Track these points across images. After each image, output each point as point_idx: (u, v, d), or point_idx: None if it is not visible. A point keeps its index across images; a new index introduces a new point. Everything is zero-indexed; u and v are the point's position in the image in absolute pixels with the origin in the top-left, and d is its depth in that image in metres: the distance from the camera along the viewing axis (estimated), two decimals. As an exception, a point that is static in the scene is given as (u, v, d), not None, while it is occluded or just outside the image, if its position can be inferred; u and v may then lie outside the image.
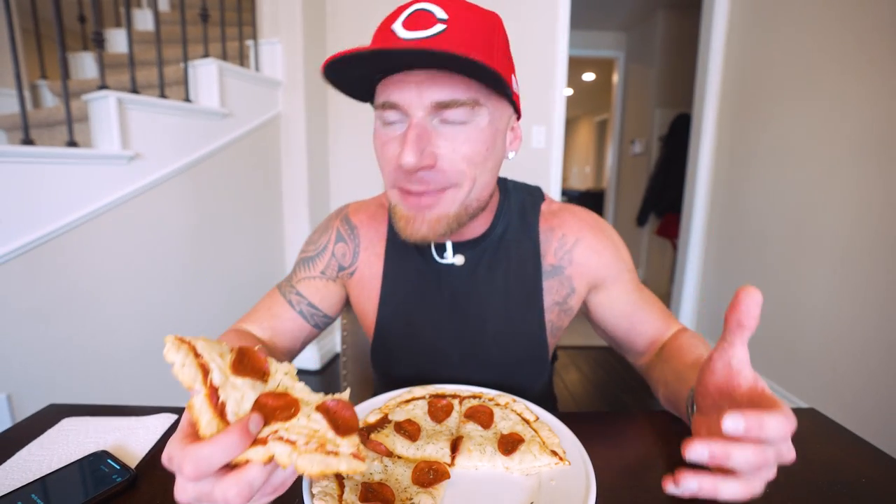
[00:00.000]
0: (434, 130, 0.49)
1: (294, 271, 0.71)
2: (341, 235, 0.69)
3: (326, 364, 2.36)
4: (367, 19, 2.26)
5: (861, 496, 0.44)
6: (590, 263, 0.64)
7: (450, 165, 0.50)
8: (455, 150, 0.50)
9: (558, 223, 0.65)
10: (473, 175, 0.52)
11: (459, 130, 0.49)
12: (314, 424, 0.32)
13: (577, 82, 6.58)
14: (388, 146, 0.51)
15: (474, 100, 0.48)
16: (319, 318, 0.70)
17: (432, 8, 0.47)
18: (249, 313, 0.68)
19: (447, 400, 0.56)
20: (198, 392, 0.30)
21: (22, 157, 1.16)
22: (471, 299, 0.64)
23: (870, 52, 1.53)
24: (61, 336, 1.29)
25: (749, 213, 2.12)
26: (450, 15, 0.47)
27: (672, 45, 3.66)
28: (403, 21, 0.47)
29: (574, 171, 9.57)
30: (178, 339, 0.32)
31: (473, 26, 0.47)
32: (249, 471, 0.29)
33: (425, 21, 0.46)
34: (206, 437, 0.29)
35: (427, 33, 0.46)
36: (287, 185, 2.17)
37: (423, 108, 0.48)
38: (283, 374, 0.36)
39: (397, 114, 0.50)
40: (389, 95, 0.49)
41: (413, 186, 0.51)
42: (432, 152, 0.49)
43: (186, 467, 0.28)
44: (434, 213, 0.52)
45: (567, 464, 0.45)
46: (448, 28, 0.46)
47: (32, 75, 2.23)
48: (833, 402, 1.64)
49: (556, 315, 0.66)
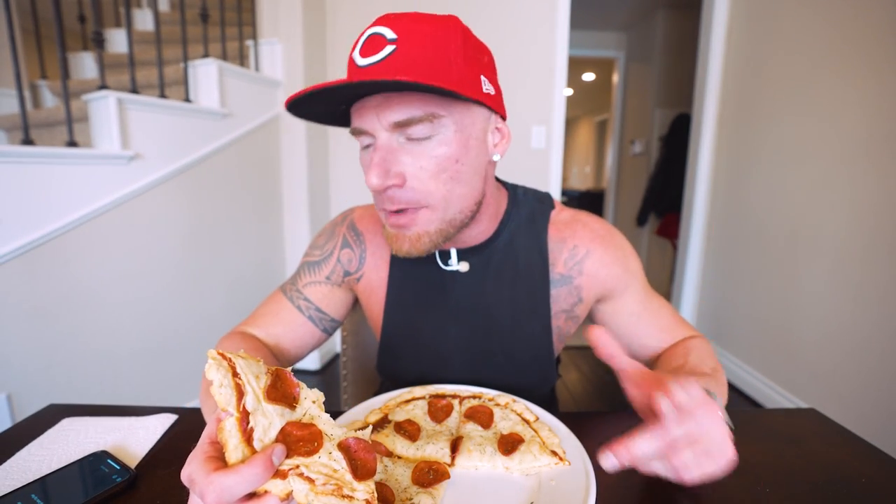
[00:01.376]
0: (401, 148, 0.50)
1: (298, 275, 0.70)
2: (347, 242, 0.69)
3: (326, 364, 2.36)
4: (366, 19, 2.25)
5: (861, 496, 0.44)
6: (599, 275, 0.64)
7: (418, 184, 0.51)
8: (422, 168, 0.50)
9: (570, 234, 0.65)
10: (445, 191, 0.52)
11: (424, 146, 0.50)
12: (334, 464, 0.32)
13: (577, 82, 6.58)
14: (365, 169, 0.52)
15: (431, 114, 0.49)
16: (328, 323, 0.70)
17: (382, 31, 0.48)
18: (253, 317, 0.68)
19: (447, 400, 0.56)
20: (230, 415, 0.31)
21: (22, 157, 1.16)
22: (477, 305, 0.64)
23: (869, 51, 1.53)
24: (61, 336, 1.29)
25: (749, 213, 2.12)
26: (399, 34, 0.47)
27: (672, 45, 3.66)
28: (360, 48, 0.48)
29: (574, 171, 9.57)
30: (220, 354, 0.32)
31: (423, 40, 0.47)
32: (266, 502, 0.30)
33: (377, 45, 0.47)
34: (231, 462, 0.29)
35: (378, 57, 0.47)
36: (287, 186, 2.17)
37: (384, 129, 0.49)
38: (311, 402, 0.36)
39: (368, 138, 0.51)
40: (355, 122, 0.51)
41: (386, 205, 0.52)
42: (399, 172, 0.50)
43: (209, 496, 0.28)
44: (413, 231, 0.53)
45: (567, 464, 0.45)
46: (398, 48, 0.47)
47: (32, 75, 2.23)
48: (833, 402, 1.64)
49: (564, 321, 0.66)
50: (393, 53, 0.46)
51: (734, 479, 0.46)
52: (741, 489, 0.45)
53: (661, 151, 3.58)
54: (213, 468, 0.29)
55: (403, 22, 0.48)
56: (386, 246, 0.68)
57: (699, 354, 0.60)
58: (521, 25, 2.26)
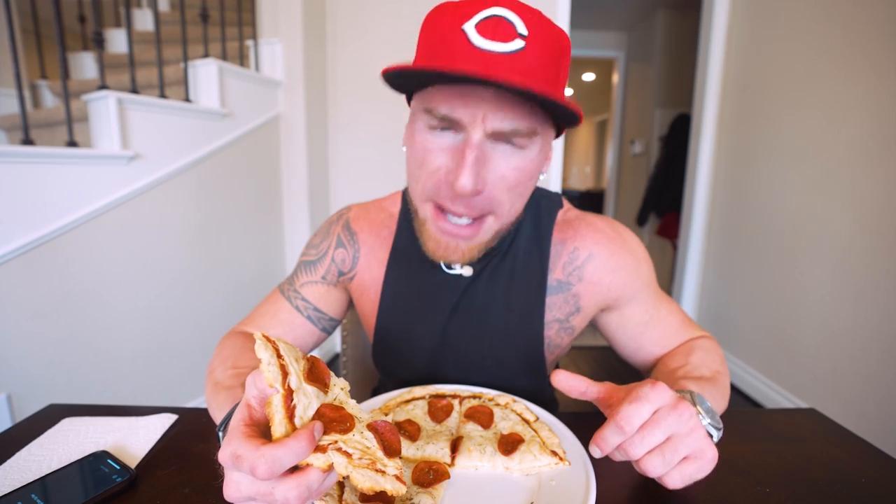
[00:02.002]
0: (491, 153, 0.46)
1: (295, 274, 0.70)
2: (341, 241, 0.68)
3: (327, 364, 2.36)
4: (366, 19, 2.26)
5: (861, 496, 0.44)
6: (602, 283, 0.60)
7: (495, 193, 0.48)
8: (503, 178, 0.47)
9: (572, 234, 0.61)
10: (511, 201, 0.50)
11: (511, 157, 0.47)
12: (367, 441, 0.35)
13: (577, 82, 6.58)
14: (433, 155, 0.48)
15: (533, 130, 0.46)
16: (327, 322, 0.70)
17: (513, 18, 0.42)
18: (252, 317, 0.68)
19: (447, 400, 0.56)
20: (277, 392, 0.33)
21: (22, 157, 1.16)
22: (471, 309, 0.63)
23: (870, 52, 1.53)
24: (61, 336, 1.29)
25: (749, 213, 2.12)
26: (530, 31, 0.42)
27: (672, 45, 3.66)
28: (477, 24, 0.42)
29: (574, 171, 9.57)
30: (266, 337, 0.34)
31: (550, 49, 0.44)
32: (310, 475, 0.31)
33: (504, 32, 0.42)
34: (275, 436, 0.31)
35: (506, 48, 0.42)
36: (287, 185, 2.17)
37: (482, 131, 0.45)
38: (340, 389, 0.39)
39: (451, 124, 0.46)
40: (451, 109, 0.45)
41: (455, 207, 0.49)
42: (484, 177, 0.47)
43: (260, 466, 0.29)
44: (468, 243, 0.51)
45: (567, 464, 0.45)
46: (527, 46, 0.42)
47: (32, 75, 2.23)
48: (833, 402, 1.64)
49: (556, 332, 0.63)
50: (523, 50, 0.42)
51: (734, 479, 0.46)
52: (741, 489, 0.45)
53: (661, 151, 3.58)
54: (259, 443, 0.30)
55: (535, 19, 0.43)
56: (381, 246, 0.66)
57: (701, 356, 0.57)
58: (521, 25, 2.26)
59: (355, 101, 2.32)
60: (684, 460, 0.38)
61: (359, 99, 2.32)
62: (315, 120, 2.20)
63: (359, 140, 2.36)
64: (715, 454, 0.39)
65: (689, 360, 0.56)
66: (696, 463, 0.38)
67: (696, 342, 0.61)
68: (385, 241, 0.67)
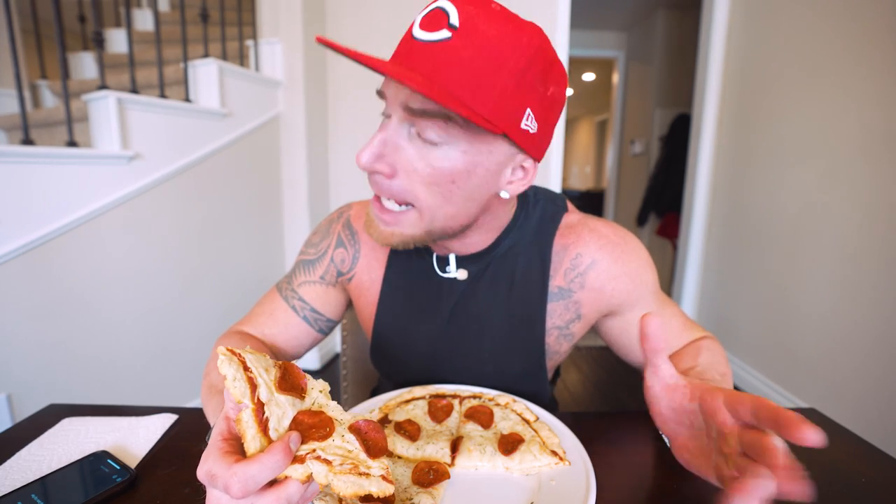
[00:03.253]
0: (407, 142, 0.47)
1: (294, 273, 0.69)
2: (342, 241, 0.67)
3: (326, 364, 2.36)
4: (366, 19, 2.26)
5: (861, 496, 0.44)
6: (604, 290, 0.59)
7: (407, 183, 0.47)
8: (416, 170, 0.47)
9: (574, 240, 0.60)
10: (432, 203, 0.48)
11: (428, 150, 0.46)
12: (348, 445, 0.34)
13: (577, 82, 6.58)
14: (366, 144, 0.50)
15: (446, 115, 0.43)
16: (323, 323, 0.69)
17: (450, 9, 0.42)
18: (249, 316, 0.68)
19: (447, 400, 0.56)
20: (246, 407, 0.32)
21: (22, 157, 1.16)
22: (470, 314, 0.62)
23: (870, 51, 1.53)
24: (61, 336, 1.29)
25: (749, 213, 2.12)
26: (462, 23, 0.41)
27: (672, 44, 3.66)
28: (423, 18, 0.44)
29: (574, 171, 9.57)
30: (231, 351, 0.33)
31: (482, 44, 0.41)
32: (288, 487, 0.30)
33: (436, 22, 0.42)
34: (249, 452, 0.30)
35: (430, 37, 0.42)
36: (287, 185, 2.17)
37: (398, 107, 0.45)
38: (318, 391, 0.38)
39: (386, 108, 0.48)
40: (382, 85, 0.48)
41: (372, 187, 0.50)
42: (393, 162, 0.47)
43: (234, 486, 0.28)
44: (391, 228, 0.51)
45: (567, 464, 0.45)
46: (453, 38, 0.41)
47: (32, 75, 2.23)
48: (833, 402, 1.64)
49: (555, 339, 0.62)
50: (445, 42, 0.41)
51: (734, 479, 0.46)
52: (741, 489, 0.45)
53: (661, 151, 3.58)
54: (233, 461, 0.30)
55: (475, 10, 0.42)
56: (381, 248, 0.66)
57: (709, 358, 0.57)
58: (521, 25, 2.26)
59: (355, 101, 2.32)
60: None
61: (359, 99, 2.32)
62: (315, 120, 2.20)
63: (359, 140, 2.36)
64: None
65: (698, 362, 0.55)
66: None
67: (702, 343, 0.61)
68: None
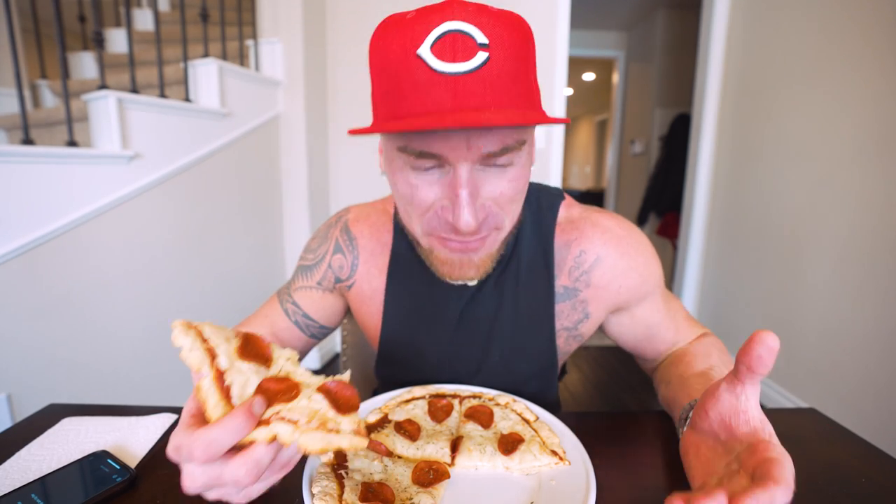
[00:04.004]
0: (481, 176, 0.44)
1: (293, 278, 0.69)
2: (339, 246, 0.65)
3: (326, 364, 2.36)
4: (366, 19, 2.26)
5: (861, 496, 0.44)
6: (610, 288, 0.58)
7: (497, 210, 0.47)
8: (502, 195, 0.45)
9: (577, 236, 0.58)
10: (514, 214, 0.49)
11: (505, 172, 0.45)
12: (315, 405, 0.33)
13: (577, 82, 6.57)
14: (423, 193, 0.45)
15: (522, 141, 0.44)
16: (316, 329, 0.68)
17: (470, 29, 0.39)
18: (249, 318, 0.68)
19: (447, 400, 0.56)
20: (205, 375, 0.31)
21: (22, 157, 1.16)
22: (478, 319, 0.61)
23: (870, 52, 1.53)
24: (61, 336, 1.29)
25: (749, 212, 2.12)
26: (491, 37, 0.39)
27: (672, 44, 3.66)
28: (433, 46, 0.39)
29: (574, 170, 9.57)
30: (186, 323, 0.33)
31: (513, 47, 0.40)
32: (256, 450, 0.30)
33: (464, 48, 0.38)
34: (212, 419, 0.30)
35: (470, 66, 0.38)
36: (287, 186, 2.17)
37: (469, 160, 0.42)
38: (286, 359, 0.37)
39: (435, 162, 0.43)
40: (429, 145, 0.42)
41: (460, 239, 0.47)
42: (483, 206, 0.45)
43: (196, 451, 0.28)
44: (479, 255, 0.49)
45: (567, 464, 0.45)
46: (491, 56, 0.39)
47: (32, 75, 2.23)
48: (833, 402, 1.64)
49: (564, 340, 0.62)
50: (488, 63, 0.39)
51: (734, 479, 0.46)
52: (741, 489, 0.45)
53: (661, 151, 3.58)
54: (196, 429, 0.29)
55: (486, 18, 0.40)
56: (381, 252, 0.64)
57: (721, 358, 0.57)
58: (521, 25, 2.26)
59: (355, 101, 2.32)
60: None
61: (359, 99, 2.32)
62: (315, 120, 2.20)
63: (359, 140, 2.36)
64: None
65: (712, 364, 0.55)
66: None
67: (708, 340, 0.61)
68: (385, 247, 0.64)
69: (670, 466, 0.48)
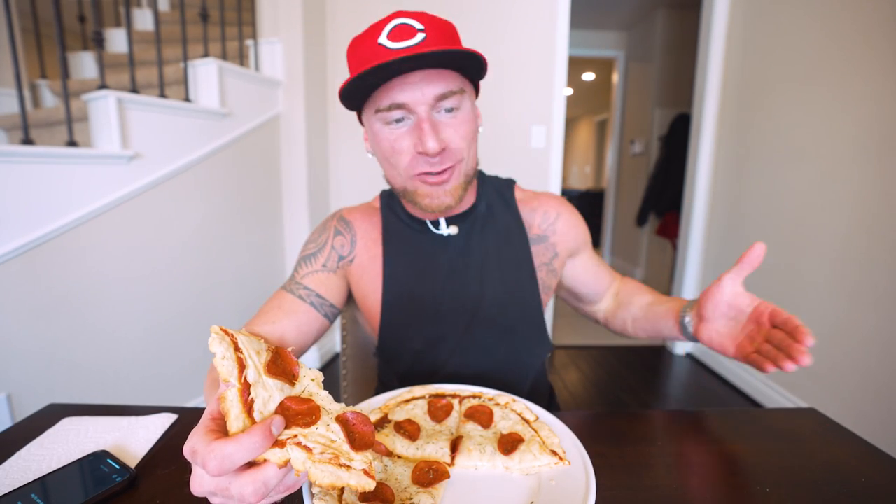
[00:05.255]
0: (440, 120, 0.60)
1: (296, 270, 0.73)
2: (339, 230, 0.75)
3: (326, 364, 2.36)
4: (366, 19, 2.26)
5: (861, 496, 0.44)
6: (569, 234, 0.77)
7: (455, 146, 0.61)
8: (456, 132, 0.61)
9: (538, 203, 0.78)
10: (469, 149, 0.63)
11: (455, 116, 0.60)
12: (331, 434, 0.33)
13: (577, 82, 6.57)
14: (399, 141, 0.60)
15: (461, 88, 0.60)
16: (328, 308, 0.72)
17: (409, 21, 0.56)
18: (257, 316, 0.68)
19: (447, 400, 0.56)
20: (232, 386, 0.32)
21: (22, 157, 1.16)
22: (468, 266, 0.71)
23: (870, 51, 1.53)
24: (61, 336, 1.29)
25: (749, 212, 2.12)
26: (425, 25, 0.56)
27: (672, 44, 3.66)
28: (388, 34, 0.55)
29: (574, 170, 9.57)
30: (223, 330, 0.33)
31: (445, 30, 0.58)
32: (266, 471, 0.31)
33: (408, 33, 0.55)
34: (232, 431, 0.31)
35: (413, 42, 0.55)
36: (287, 185, 2.17)
37: (425, 103, 0.57)
38: (310, 380, 0.37)
39: (402, 112, 0.58)
40: (395, 97, 0.57)
41: (435, 168, 0.61)
42: (443, 138, 0.59)
43: (210, 463, 0.29)
44: (450, 184, 0.63)
45: (567, 464, 0.45)
46: (427, 36, 0.56)
47: (32, 75, 2.23)
48: (833, 402, 1.64)
49: (545, 273, 0.76)
50: (426, 39, 0.55)
51: (734, 479, 0.46)
52: (741, 489, 0.45)
53: (661, 151, 3.58)
54: (214, 438, 0.30)
55: (425, 17, 0.57)
56: (373, 228, 0.75)
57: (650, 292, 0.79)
58: (521, 25, 2.26)
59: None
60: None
61: (359, 99, 2.32)
62: (315, 120, 2.20)
63: (358, 140, 2.36)
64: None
65: (658, 296, 0.77)
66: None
67: (631, 282, 0.83)
68: (376, 225, 0.76)
69: (670, 466, 0.49)
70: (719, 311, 0.59)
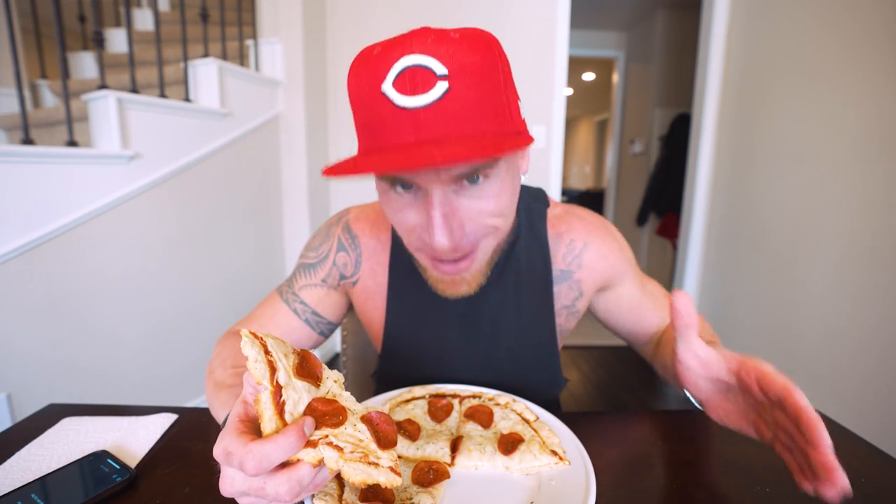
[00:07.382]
0: (456, 196, 0.44)
1: (294, 277, 0.69)
2: (342, 244, 0.67)
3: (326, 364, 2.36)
4: (366, 19, 2.26)
5: (861, 496, 0.44)
6: (598, 267, 0.65)
7: (477, 228, 0.47)
8: (481, 211, 0.46)
9: (566, 228, 0.65)
10: (503, 227, 0.50)
11: (480, 189, 0.45)
12: (359, 434, 0.35)
13: (577, 82, 6.57)
14: (403, 213, 0.47)
15: (494, 159, 0.44)
16: (325, 326, 0.69)
17: (427, 62, 0.39)
18: (249, 319, 0.67)
19: (447, 400, 0.56)
20: (265, 389, 0.33)
21: (22, 157, 1.16)
22: (482, 314, 0.63)
23: (870, 51, 1.53)
24: (61, 336, 1.29)
25: (749, 213, 2.12)
26: (450, 67, 0.39)
27: (672, 44, 3.66)
28: (395, 81, 0.39)
29: (574, 170, 9.57)
30: (253, 333, 0.34)
31: (478, 71, 0.40)
32: (300, 469, 0.32)
33: (422, 81, 0.39)
34: (266, 432, 0.31)
35: (429, 98, 0.39)
36: (287, 186, 2.17)
37: (439, 182, 0.43)
38: (333, 381, 0.39)
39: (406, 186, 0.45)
40: (399, 174, 0.43)
41: (447, 257, 0.48)
42: (460, 224, 0.45)
43: (249, 463, 0.30)
44: (470, 272, 0.51)
45: (567, 464, 0.45)
46: (452, 86, 0.39)
47: (32, 75, 2.23)
48: (833, 402, 1.64)
49: (565, 318, 0.67)
50: (448, 93, 0.39)
51: (734, 479, 0.46)
52: (741, 489, 0.45)
53: (661, 151, 3.58)
54: (249, 440, 0.31)
55: (451, 49, 0.39)
56: (383, 249, 0.66)
57: (707, 328, 0.65)
58: (520, 25, 2.26)
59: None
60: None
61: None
62: (315, 120, 2.20)
63: (359, 140, 2.36)
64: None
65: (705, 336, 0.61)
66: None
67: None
68: (385, 245, 0.66)
69: (670, 466, 0.49)
70: (706, 389, 0.45)
